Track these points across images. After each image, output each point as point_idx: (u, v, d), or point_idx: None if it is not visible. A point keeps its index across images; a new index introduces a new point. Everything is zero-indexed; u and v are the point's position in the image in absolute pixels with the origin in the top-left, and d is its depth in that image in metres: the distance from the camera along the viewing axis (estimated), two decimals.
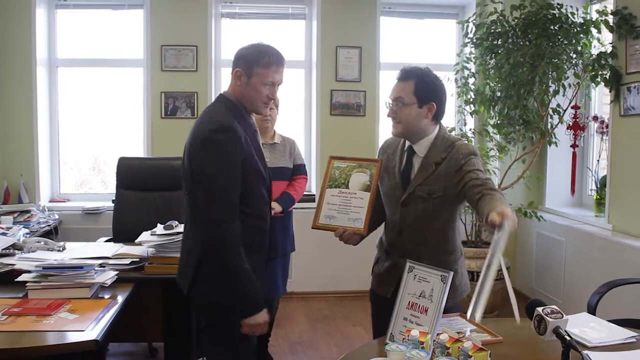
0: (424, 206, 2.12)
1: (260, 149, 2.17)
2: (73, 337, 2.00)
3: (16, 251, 2.88)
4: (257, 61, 2.04)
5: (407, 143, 2.20)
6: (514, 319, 1.68)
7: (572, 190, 4.69)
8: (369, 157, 2.28)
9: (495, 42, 4.27)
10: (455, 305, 2.20)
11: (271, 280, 3.28)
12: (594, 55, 3.97)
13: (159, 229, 2.92)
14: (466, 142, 2.08)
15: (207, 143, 1.96)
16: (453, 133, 4.60)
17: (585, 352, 1.57)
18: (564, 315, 1.60)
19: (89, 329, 2.05)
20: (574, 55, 4.06)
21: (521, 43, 4.11)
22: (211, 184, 1.95)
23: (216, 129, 1.97)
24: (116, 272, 2.58)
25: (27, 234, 3.61)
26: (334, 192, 2.26)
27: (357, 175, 2.25)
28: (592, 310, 2.69)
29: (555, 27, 4.01)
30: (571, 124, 4.49)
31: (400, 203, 2.16)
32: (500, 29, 4.21)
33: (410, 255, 2.02)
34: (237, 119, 2.04)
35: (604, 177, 4.17)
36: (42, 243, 3.02)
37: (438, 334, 1.69)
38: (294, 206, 3.48)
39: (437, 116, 2.14)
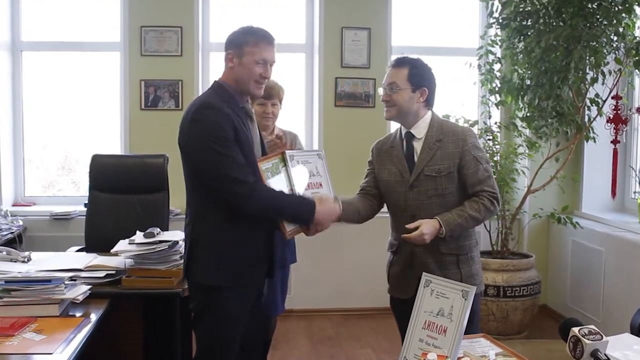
0: (434, 185, 2.47)
1: (251, 137, 2.41)
2: None
3: None
4: (246, 40, 2.36)
5: (404, 130, 2.57)
6: (545, 340, 1.68)
7: (613, 193, 4.69)
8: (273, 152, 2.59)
9: (524, 23, 4.28)
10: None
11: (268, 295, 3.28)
12: (637, 38, 3.97)
13: (139, 236, 2.92)
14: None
15: (192, 124, 2.31)
16: (476, 127, 4.62)
17: None
18: (604, 336, 1.60)
19: (58, 351, 2.06)
20: (615, 38, 4.05)
21: (554, 24, 4.11)
22: (212, 155, 2.26)
23: (197, 110, 2.32)
24: (89, 287, 2.58)
25: None
26: None
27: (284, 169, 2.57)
28: (635, 331, 2.68)
29: (594, 6, 4.01)
30: (612, 116, 4.49)
31: (409, 186, 2.50)
32: (530, 8, 4.21)
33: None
34: (226, 102, 2.35)
35: None
36: (4, 253, 3.02)
37: (459, 358, 1.69)
38: None
39: (429, 101, 2.56)
